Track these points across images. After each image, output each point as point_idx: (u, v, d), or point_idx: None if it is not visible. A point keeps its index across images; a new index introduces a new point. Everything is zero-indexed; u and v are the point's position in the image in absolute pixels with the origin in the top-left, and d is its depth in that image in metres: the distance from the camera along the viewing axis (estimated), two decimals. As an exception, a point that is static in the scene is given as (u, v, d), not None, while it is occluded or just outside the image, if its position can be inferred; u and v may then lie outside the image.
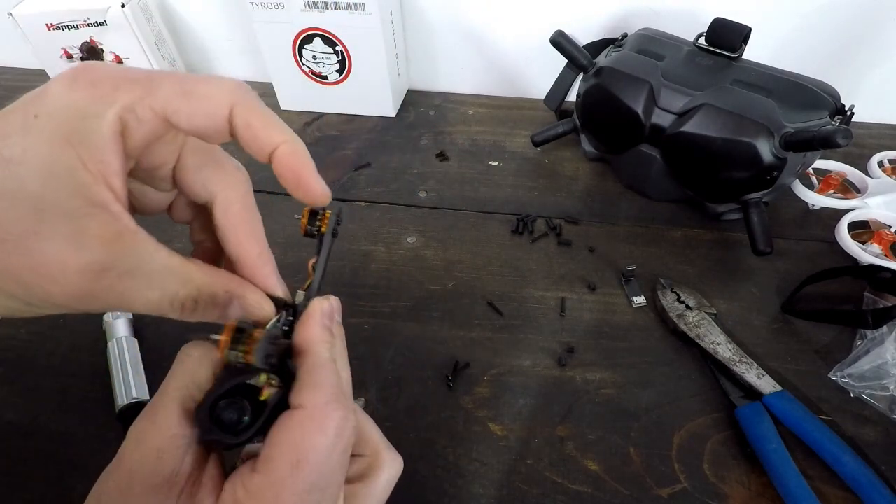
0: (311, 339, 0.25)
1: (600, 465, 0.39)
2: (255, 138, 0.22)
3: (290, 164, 0.23)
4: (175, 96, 0.21)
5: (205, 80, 0.22)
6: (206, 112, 0.21)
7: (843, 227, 0.50)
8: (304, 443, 0.21)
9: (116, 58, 0.69)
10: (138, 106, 0.21)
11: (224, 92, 0.22)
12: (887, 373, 0.41)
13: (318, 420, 0.22)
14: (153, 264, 0.21)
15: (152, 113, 0.21)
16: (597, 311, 0.48)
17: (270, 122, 0.23)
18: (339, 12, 0.60)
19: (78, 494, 0.38)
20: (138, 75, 0.21)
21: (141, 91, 0.21)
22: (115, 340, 0.44)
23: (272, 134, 0.22)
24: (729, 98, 0.48)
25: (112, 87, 0.20)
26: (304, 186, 0.24)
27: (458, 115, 0.70)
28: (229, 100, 0.22)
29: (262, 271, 0.25)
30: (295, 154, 0.23)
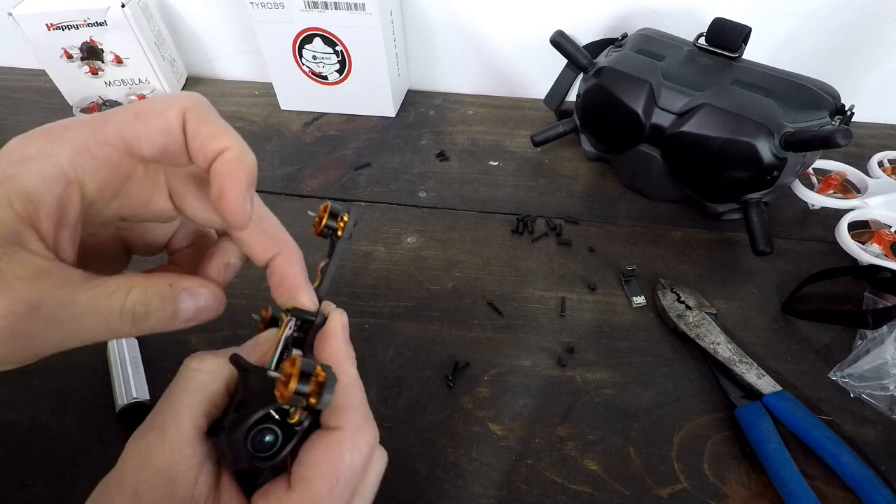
0: (339, 357, 0.25)
1: (600, 465, 0.39)
2: (201, 147, 0.21)
3: (220, 171, 0.21)
4: (128, 122, 0.21)
5: (155, 98, 0.22)
6: (161, 129, 0.21)
7: (843, 227, 0.50)
8: (342, 464, 0.22)
9: (116, 58, 0.69)
10: (91, 143, 0.20)
11: (174, 105, 0.21)
12: (887, 373, 0.41)
13: (355, 442, 0.22)
14: (88, 288, 0.20)
15: (108, 146, 0.21)
16: (597, 311, 0.48)
17: (219, 129, 0.22)
18: (339, 12, 0.60)
19: (78, 494, 0.38)
20: (90, 117, 0.21)
21: (91, 129, 0.21)
22: (115, 340, 0.44)
23: (218, 141, 0.21)
24: (729, 98, 0.48)
25: (62, 130, 0.20)
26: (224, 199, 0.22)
27: (458, 115, 0.70)
28: (180, 111, 0.21)
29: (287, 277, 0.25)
30: (233, 161, 0.21)
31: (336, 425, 0.23)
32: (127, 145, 0.21)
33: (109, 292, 0.20)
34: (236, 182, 0.21)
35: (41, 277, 0.19)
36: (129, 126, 0.21)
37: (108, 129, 0.21)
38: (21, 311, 0.18)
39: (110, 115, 0.21)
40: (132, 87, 0.72)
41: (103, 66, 0.70)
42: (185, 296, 0.22)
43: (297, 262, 0.26)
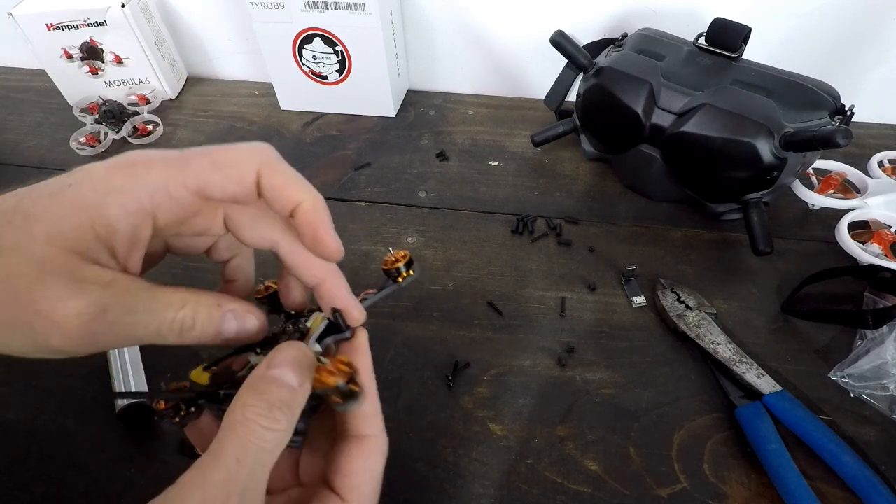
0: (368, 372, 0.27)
1: (600, 465, 0.39)
2: (279, 198, 0.24)
3: (308, 221, 0.25)
4: (205, 170, 0.24)
5: (231, 148, 0.24)
6: (236, 180, 0.24)
7: (843, 227, 0.50)
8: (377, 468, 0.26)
9: (116, 58, 0.69)
10: (171, 185, 0.23)
11: (250, 158, 0.24)
12: (887, 373, 0.41)
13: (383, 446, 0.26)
14: (147, 298, 0.23)
15: (185, 189, 0.23)
16: (597, 311, 0.48)
17: (293, 181, 0.25)
18: (339, 12, 0.60)
19: (78, 494, 0.38)
20: (171, 155, 0.24)
21: (173, 171, 0.23)
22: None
23: (294, 192, 0.24)
24: (729, 98, 0.48)
25: (145, 168, 0.23)
26: (321, 243, 0.25)
27: (458, 115, 0.70)
28: (256, 164, 0.24)
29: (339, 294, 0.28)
30: (314, 211, 0.25)
31: (368, 433, 0.26)
32: (201, 190, 0.24)
33: (165, 305, 0.23)
34: (325, 227, 0.25)
35: (112, 285, 0.22)
36: (207, 174, 0.24)
37: (187, 175, 0.23)
38: (92, 313, 0.21)
39: (190, 158, 0.24)
40: (132, 87, 0.72)
41: (103, 66, 0.70)
42: (229, 317, 0.25)
43: (345, 285, 0.28)
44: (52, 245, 0.21)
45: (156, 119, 0.69)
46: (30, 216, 0.21)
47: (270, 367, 0.23)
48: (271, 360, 0.23)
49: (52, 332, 0.21)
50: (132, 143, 0.66)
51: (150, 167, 0.23)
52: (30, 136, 0.68)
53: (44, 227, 0.21)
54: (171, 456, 0.39)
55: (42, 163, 0.64)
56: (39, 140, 0.68)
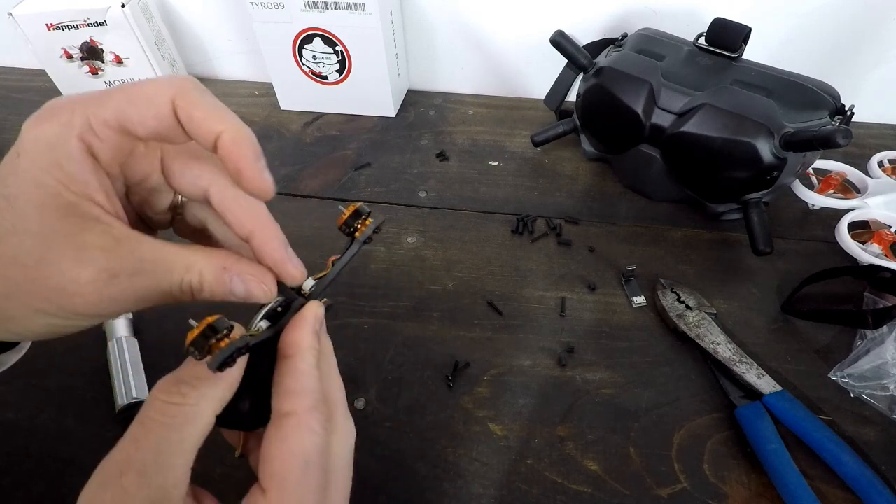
0: (301, 345, 0.25)
1: (600, 465, 0.39)
2: (198, 130, 0.23)
3: (230, 153, 0.23)
4: (122, 105, 0.22)
5: (147, 82, 0.23)
6: (153, 113, 0.22)
7: (843, 227, 0.50)
8: (303, 446, 0.23)
9: (116, 58, 0.69)
10: (94, 122, 0.22)
11: (163, 88, 0.22)
12: (887, 373, 0.41)
13: (308, 423, 0.23)
14: (154, 259, 0.22)
15: (107, 127, 0.22)
16: (597, 311, 0.48)
17: (212, 111, 0.23)
18: (339, 12, 0.60)
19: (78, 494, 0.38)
20: (91, 95, 0.23)
21: (92, 109, 0.22)
22: (115, 340, 0.44)
23: (213, 123, 0.22)
24: (729, 98, 0.48)
25: (69, 112, 0.22)
26: (244, 177, 0.23)
27: (458, 115, 0.70)
28: (169, 95, 0.22)
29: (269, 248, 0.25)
30: (235, 143, 0.23)
31: (288, 411, 0.23)
32: (122, 126, 0.22)
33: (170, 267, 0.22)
34: (245, 159, 0.23)
35: (118, 247, 0.22)
36: (125, 108, 0.22)
37: (105, 111, 0.22)
38: (103, 279, 0.21)
39: (106, 95, 0.22)
40: (132, 87, 0.72)
41: (103, 66, 0.70)
42: (236, 281, 0.24)
43: (278, 237, 0.26)
44: (43, 217, 0.21)
45: (156, 119, 0.69)
46: (10, 196, 0.21)
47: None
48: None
49: (73, 303, 0.21)
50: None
51: (70, 109, 0.22)
52: (30, 136, 0.68)
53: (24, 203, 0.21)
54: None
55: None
56: (39, 140, 0.68)
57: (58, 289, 0.21)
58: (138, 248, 0.22)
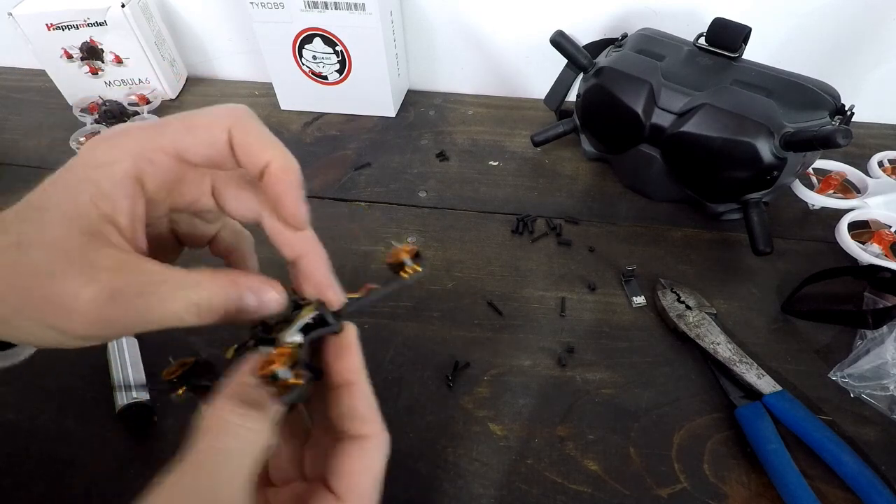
0: (361, 370, 0.27)
1: (600, 465, 0.39)
2: (248, 157, 0.24)
3: (274, 182, 0.24)
4: (180, 133, 0.24)
5: (205, 111, 0.24)
6: (208, 140, 0.24)
7: (843, 227, 0.50)
8: (375, 468, 0.25)
9: (116, 58, 0.69)
10: (149, 150, 0.23)
11: (222, 118, 0.24)
12: (887, 373, 0.41)
13: (382, 447, 0.25)
14: (160, 282, 0.22)
15: (163, 154, 0.24)
16: (597, 311, 0.48)
17: (263, 140, 0.24)
18: (339, 12, 0.60)
19: (78, 494, 0.38)
20: (150, 123, 0.24)
21: (150, 136, 0.23)
22: (115, 340, 0.44)
23: (262, 151, 0.24)
24: (729, 98, 0.48)
25: (125, 136, 0.23)
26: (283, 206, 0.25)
27: (458, 115, 0.70)
28: (226, 124, 0.24)
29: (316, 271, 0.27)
30: (281, 172, 0.24)
31: (366, 433, 0.25)
32: (178, 153, 0.24)
33: (178, 286, 0.23)
34: (288, 189, 0.24)
35: (123, 268, 0.22)
36: (181, 137, 0.24)
37: (163, 139, 0.24)
38: (104, 298, 0.21)
39: (165, 124, 0.24)
40: (132, 87, 0.72)
41: (103, 66, 0.70)
42: (248, 294, 0.24)
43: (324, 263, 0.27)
44: (65, 231, 0.22)
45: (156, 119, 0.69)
46: (40, 207, 0.22)
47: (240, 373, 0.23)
48: (241, 367, 0.23)
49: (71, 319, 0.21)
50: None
51: (128, 135, 0.23)
52: (30, 136, 0.68)
53: (54, 215, 0.22)
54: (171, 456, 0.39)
55: (42, 163, 0.64)
56: (39, 140, 0.68)
57: (59, 304, 0.21)
58: (144, 270, 0.23)
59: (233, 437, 0.22)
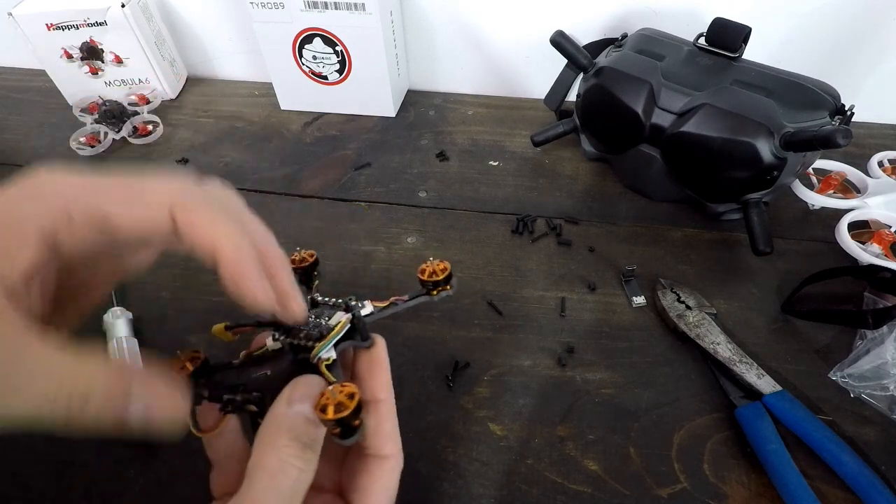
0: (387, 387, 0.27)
1: (600, 465, 0.39)
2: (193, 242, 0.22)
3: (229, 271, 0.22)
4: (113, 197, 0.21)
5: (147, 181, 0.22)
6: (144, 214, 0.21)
7: (843, 227, 0.50)
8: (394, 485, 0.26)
9: (116, 58, 0.69)
10: (73, 208, 0.20)
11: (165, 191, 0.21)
12: (887, 373, 0.41)
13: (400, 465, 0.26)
14: (31, 356, 0.19)
15: (86, 215, 0.21)
16: (597, 311, 0.48)
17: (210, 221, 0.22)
18: (339, 12, 0.60)
19: (78, 494, 0.38)
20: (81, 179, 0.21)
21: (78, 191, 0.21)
22: (115, 340, 0.44)
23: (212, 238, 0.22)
24: (729, 98, 0.48)
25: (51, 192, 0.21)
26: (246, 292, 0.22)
27: (458, 115, 0.70)
28: (168, 200, 0.21)
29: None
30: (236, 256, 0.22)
31: (387, 453, 0.26)
32: (107, 220, 0.21)
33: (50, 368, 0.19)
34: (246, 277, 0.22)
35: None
36: (113, 209, 0.21)
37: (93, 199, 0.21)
38: None
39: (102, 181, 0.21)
40: (132, 87, 0.72)
41: (103, 66, 0.70)
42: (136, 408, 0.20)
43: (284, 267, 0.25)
44: None
45: (156, 119, 0.69)
46: None
47: (292, 403, 0.22)
48: (291, 396, 0.22)
49: None
50: (132, 143, 0.66)
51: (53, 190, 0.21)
52: (30, 136, 0.68)
53: None
54: (171, 456, 0.39)
55: (42, 163, 0.64)
56: (39, 140, 0.68)
57: None
58: (17, 344, 0.19)
59: (292, 479, 0.21)
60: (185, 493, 0.37)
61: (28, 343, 0.19)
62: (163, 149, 0.66)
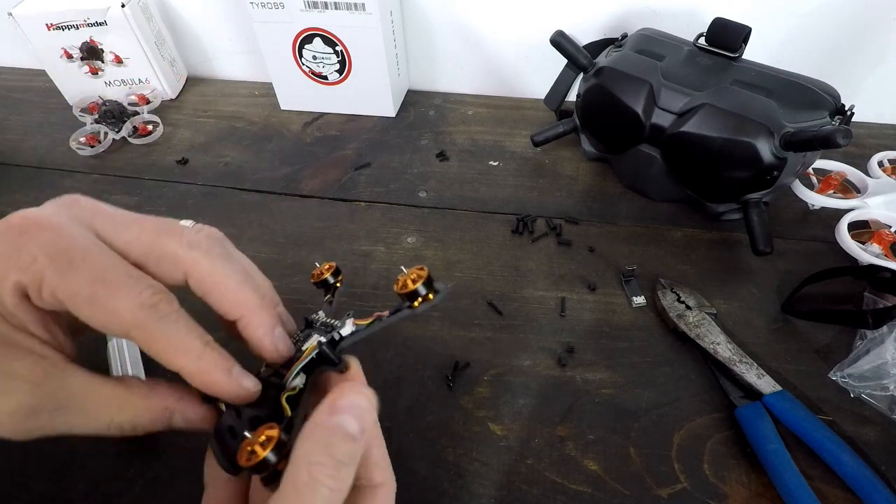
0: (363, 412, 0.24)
1: (600, 465, 0.39)
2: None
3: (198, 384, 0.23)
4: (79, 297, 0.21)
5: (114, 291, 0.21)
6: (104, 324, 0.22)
7: (843, 227, 0.50)
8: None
9: (116, 58, 0.69)
10: (44, 288, 0.21)
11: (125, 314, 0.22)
12: (887, 373, 0.41)
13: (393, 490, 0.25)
14: (84, 397, 0.22)
15: (52, 297, 0.21)
16: (597, 311, 0.48)
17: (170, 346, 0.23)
18: (339, 12, 0.60)
19: (78, 494, 0.38)
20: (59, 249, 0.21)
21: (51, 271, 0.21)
22: (115, 340, 0.44)
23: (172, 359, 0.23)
24: (729, 98, 0.48)
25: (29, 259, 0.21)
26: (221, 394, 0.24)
27: (458, 115, 0.70)
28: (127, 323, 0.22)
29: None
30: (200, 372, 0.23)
31: (381, 482, 0.24)
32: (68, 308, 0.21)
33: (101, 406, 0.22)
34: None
35: (43, 382, 0.22)
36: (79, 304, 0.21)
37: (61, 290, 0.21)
38: (24, 413, 0.21)
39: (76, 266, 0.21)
40: (132, 87, 0.72)
41: (103, 66, 0.70)
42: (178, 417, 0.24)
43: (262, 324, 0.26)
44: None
45: (156, 119, 0.69)
46: None
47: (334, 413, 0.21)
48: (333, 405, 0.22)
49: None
50: (132, 143, 0.66)
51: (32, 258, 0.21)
52: (30, 136, 0.68)
53: None
54: (171, 456, 0.39)
55: (42, 163, 0.64)
56: (39, 140, 0.68)
57: None
58: (68, 383, 0.22)
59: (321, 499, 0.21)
60: (185, 493, 0.37)
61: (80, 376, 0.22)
62: (163, 149, 0.66)
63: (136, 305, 0.22)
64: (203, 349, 0.23)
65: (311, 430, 0.21)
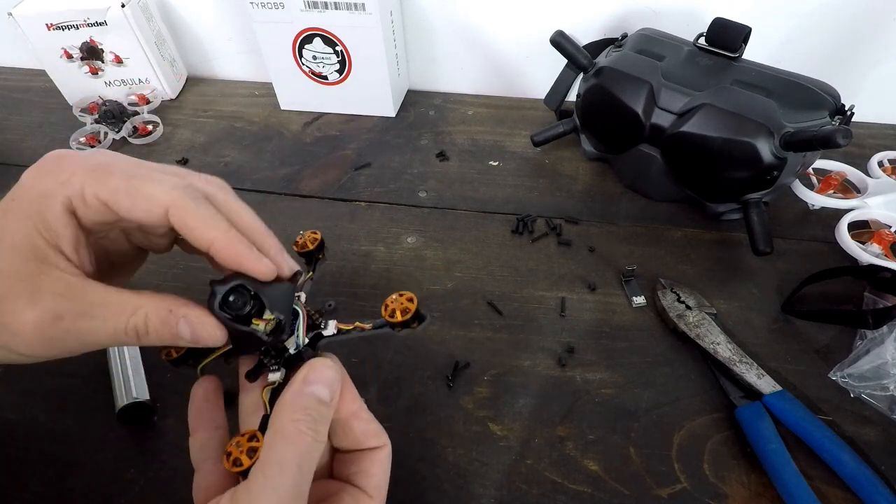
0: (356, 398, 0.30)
1: (600, 465, 0.39)
2: (189, 236, 0.26)
3: (226, 257, 0.26)
4: (119, 192, 0.25)
5: (148, 181, 0.25)
6: (145, 210, 0.25)
7: (843, 227, 0.50)
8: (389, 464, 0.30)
9: (116, 58, 0.69)
10: (87, 193, 0.25)
11: (162, 195, 0.25)
12: (887, 373, 0.41)
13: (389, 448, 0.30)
14: (101, 303, 0.24)
15: (97, 200, 0.25)
16: (597, 311, 0.48)
17: (202, 222, 0.26)
18: (339, 12, 0.60)
19: (78, 494, 0.38)
20: (94, 164, 0.26)
21: (91, 180, 0.25)
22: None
23: (204, 233, 0.26)
24: (729, 98, 0.48)
25: (68, 174, 0.25)
26: (248, 268, 0.26)
27: (458, 115, 0.70)
28: (165, 202, 0.25)
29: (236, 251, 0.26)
30: (229, 245, 0.26)
31: (379, 444, 0.29)
32: (111, 206, 0.25)
33: (118, 311, 0.24)
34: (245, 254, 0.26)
35: (67, 292, 0.24)
36: (120, 196, 0.25)
37: (102, 191, 0.25)
38: (48, 320, 0.23)
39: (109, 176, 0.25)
40: (132, 87, 0.72)
41: (103, 66, 0.70)
42: (182, 323, 0.25)
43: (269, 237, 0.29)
44: (14, 258, 0.24)
45: (156, 119, 0.69)
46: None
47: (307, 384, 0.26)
48: (307, 377, 0.26)
49: (14, 339, 0.23)
50: (132, 143, 0.66)
51: (74, 172, 0.25)
52: (30, 136, 0.68)
53: (4, 243, 0.24)
54: (171, 456, 0.39)
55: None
56: (39, 140, 0.68)
57: (5, 324, 0.23)
58: (88, 292, 0.24)
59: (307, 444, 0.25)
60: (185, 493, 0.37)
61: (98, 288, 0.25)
62: (163, 149, 0.66)
63: (170, 187, 0.25)
64: (229, 227, 0.26)
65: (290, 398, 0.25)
